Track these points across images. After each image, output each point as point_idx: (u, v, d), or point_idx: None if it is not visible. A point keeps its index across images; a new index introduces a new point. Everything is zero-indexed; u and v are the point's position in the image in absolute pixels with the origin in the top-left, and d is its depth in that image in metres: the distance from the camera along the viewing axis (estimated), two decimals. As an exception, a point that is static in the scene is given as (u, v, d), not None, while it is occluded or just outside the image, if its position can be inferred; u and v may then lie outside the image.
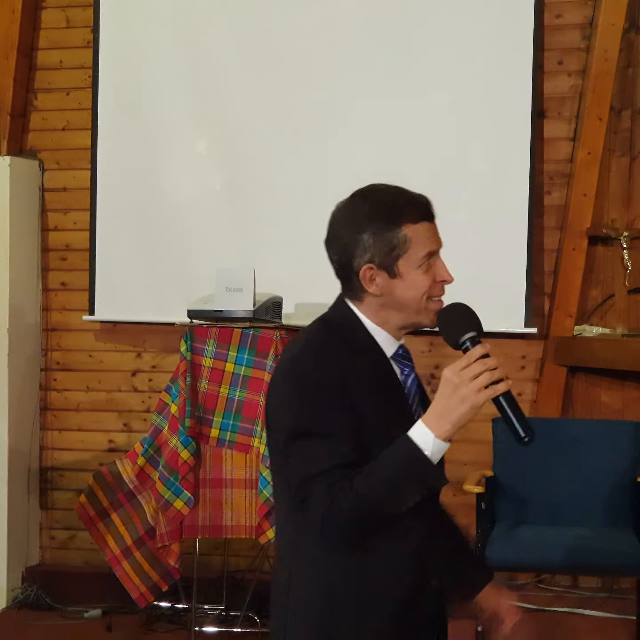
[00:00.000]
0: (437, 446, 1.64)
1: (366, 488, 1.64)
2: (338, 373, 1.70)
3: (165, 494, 3.85)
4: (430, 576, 1.81)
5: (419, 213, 1.79)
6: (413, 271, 1.77)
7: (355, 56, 4.52)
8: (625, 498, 3.84)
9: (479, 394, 1.64)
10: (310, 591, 1.77)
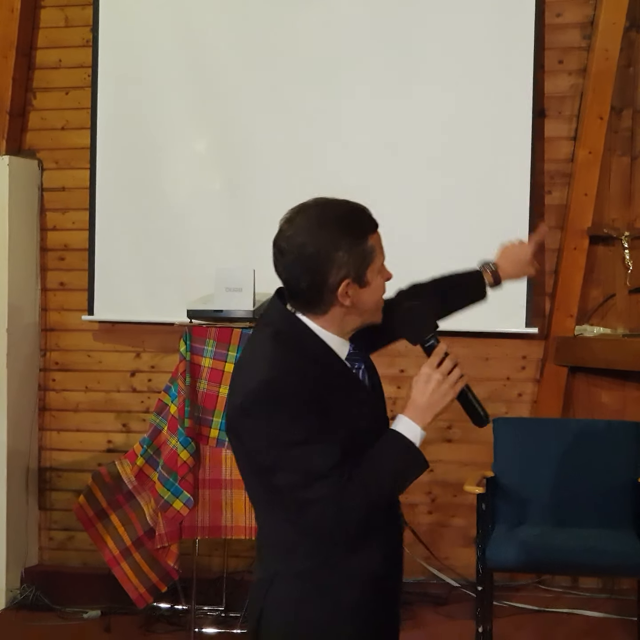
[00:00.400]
0: (421, 436, 1.85)
1: (373, 485, 1.78)
2: (307, 383, 1.79)
3: (164, 494, 3.85)
4: (399, 567, 2.00)
5: (374, 222, 1.87)
6: (376, 277, 1.87)
7: (355, 56, 4.51)
8: (625, 498, 3.83)
9: (455, 386, 1.85)
10: (289, 591, 1.86)
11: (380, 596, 1.91)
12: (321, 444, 1.77)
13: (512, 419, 4.28)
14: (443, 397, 1.84)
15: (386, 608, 1.93)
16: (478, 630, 3.63)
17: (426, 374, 1.84)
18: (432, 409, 1.84)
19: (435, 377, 1.83)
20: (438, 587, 4.49)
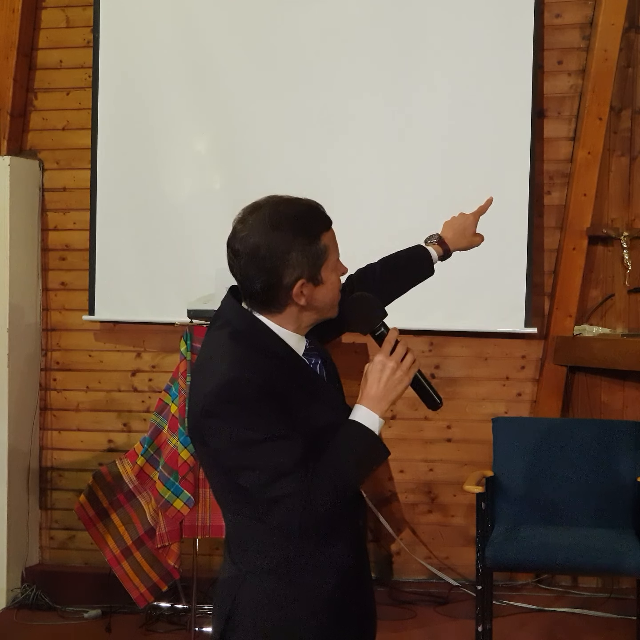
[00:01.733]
0: (380, 424, 1.84)
1: (338, 477, 1.79)
2: (267, 382, 1.80)
3: (165, 494, 3.85)
4: (367, 564, 2.02)
5: (328, 220, 1.88)
6: (331, 275, 1.88)
7: (355, 56, 4.52)
8: (625, 498, 3.83)
9: (409, 372, 1.85)
10: (262, 589, 1.86)
11: (352, 588, 1.91)
12: (284, 441, 1.77)
13: (511, 419, 4.29)
14: (398, 384, 1.84)
15: (359, 599, 1.94)
16: (478, 630, 3.63)
17: (380, 362, 1.84)
18: (387, 396, 1.83)
19: (390, 365, 1.83)
20: (438, 587, 4.50)
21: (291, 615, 1.85)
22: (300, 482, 1.76)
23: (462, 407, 4.58)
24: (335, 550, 1.88)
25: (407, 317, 4.51)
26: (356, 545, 1.94)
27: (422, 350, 4.62)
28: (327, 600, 1.87)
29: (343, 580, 1.89)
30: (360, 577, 1.96)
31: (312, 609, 1.86)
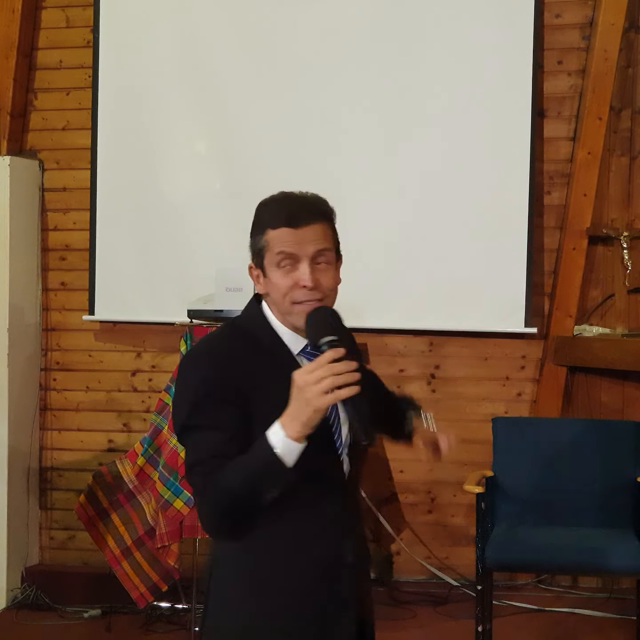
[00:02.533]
0: (287, 445, 1.72)
1: (226, 482, 1.75)
2: (228, 370, 1.82)
3: (165, 494, 3.85)
4: (344, 553, 1.92)
5: (279, 221, 1.87)
6: (274, 272, 1.87)
7: (355, 56, 4.52)
8: (625, 498, 3.83)
9: (320, 397, 1.68)
10: (228, 576, 1.91)
11: (308, 583, 1.89)
12: (213, 431, 1.78)
13: (511, 419, 4.29)
14: (306, 406, 1.69)
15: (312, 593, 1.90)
16: (478, 630, 3.63)
17: (294, 380, 1.72)
18: (298, 417, 1.70)
19: (299, 384, 1.70)
20: (438, 587, 4.50)
21: (244, 602, 1.88)
22: (202, 476, 1.78)
23: (462, 407, 4.58)
24: (295, 556, 1.87)
25: (407, 317, 4.52)
26: (327, 559, 1.89)
27: (422, 350, 4.62)
28: (273, 594, 1.87)
29: (303, 588, 1.87)
30: (328, 591, 1.89)
31: (262, 600, 1.87)
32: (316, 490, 1.87)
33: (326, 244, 1.88)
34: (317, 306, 1.85)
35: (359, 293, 4.19)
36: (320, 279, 1.87)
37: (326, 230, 1.90)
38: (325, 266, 1.88)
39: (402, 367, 4.62)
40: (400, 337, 4.61)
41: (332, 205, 1.97)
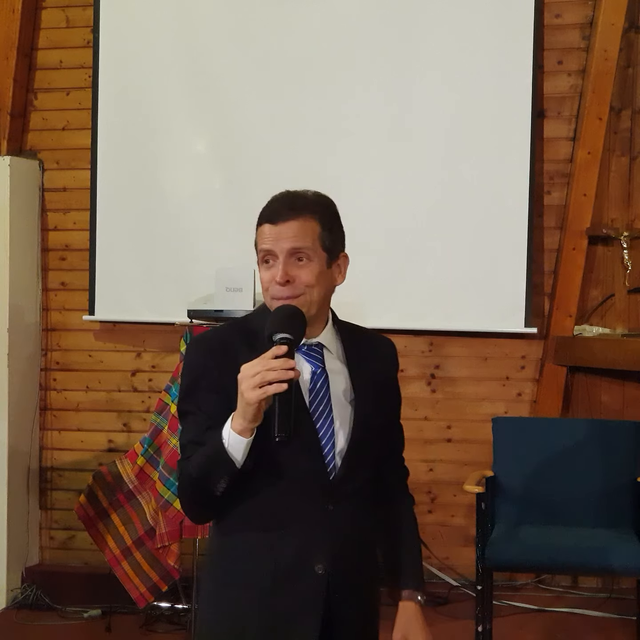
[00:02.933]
0: (233, 438, 1.77)
1: (188, 468, 1.84)
2: (214, 360, 1.88)
3: (165, 494, 3.85)
4: (313, 562, 1.87)
5: (262, 217, 1.91)
6: (259, 267, 1.92)
7: (356, 55, 4.52)
8: (625, 498, 3.83)
9: (251, 391, 1.72)
10: (207, 571, 1.98)
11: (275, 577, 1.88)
12: (197, 417, 1.87)
13: (511, 419, 4.29)
14: (240, 399, 1.74)
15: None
16: (478, 630, 3.63)
17: (241, 372, 1.75)
18: (238, 409, 1.75)
19: (239, 378, 1.74)
20: (438, 587, 4.50)
21: (217, 579, 1.94)
22: (179, 461, 1.89)
23: (462, 407, 4.58)
24: (245, 563, 1.88)
25: (407, 317, 4.52)
26: (283, 568, 1.87)
27: (422, 350, 4.62)
28: (232, 612, 1.89)
29: (252, 596, 1.87)
30: (285, 600, 1.87)
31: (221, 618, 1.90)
32: (289, 491, 1.86)
33: (305, 240, 1.86)
34: (286, 304, 1.85)
35: (359, 293, 4.19)
36: (296, 275, 1.86)
37: (307, 227, 1.87)
38: (306, 262, 1.87)
39: (402, 367, 4.57)
40: (401, 337, 4.60)
41: (329, 203, 1.96)
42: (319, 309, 1.91)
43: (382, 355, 2.06)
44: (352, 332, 2.02)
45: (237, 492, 1.84)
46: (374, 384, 1.96)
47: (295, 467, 1.85)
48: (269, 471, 1.84)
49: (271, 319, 1.82)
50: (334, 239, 1.92)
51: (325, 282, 1.90)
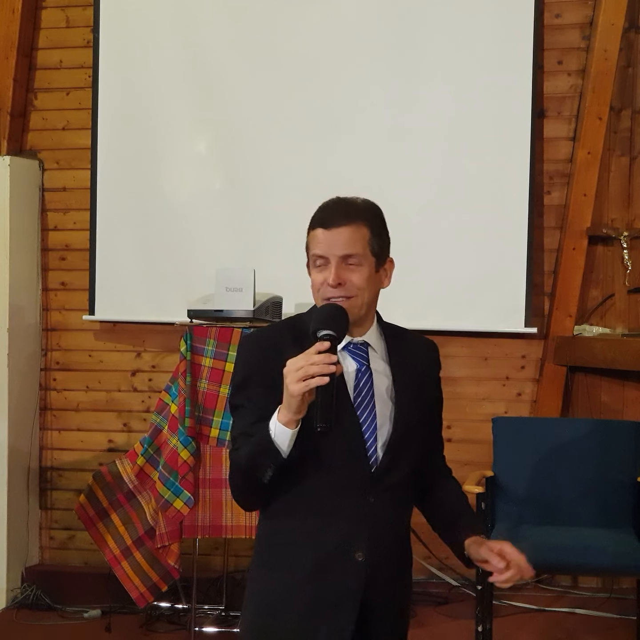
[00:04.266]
0: (279, 429, 1.84)
1: (237, 458, 1.93)
2: (266, 356, 1.96)
3: (165, 493, 3.85)
4: (354, 550, 1.95)
5: (315, 221, 2.01)
6: (311, 269, 2.01)
7: (356, 58, 4.52)
8: (625, 498, 3.83)
9: (294, 384, 1.79)
10: (254, 560, 2.07)
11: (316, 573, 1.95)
12: (247, 411, 1.95)
13: (511, 419, 4.29)
14: (286, 391, 1.82)
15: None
16: (478, 630, 3.63)
17: (286, 367, 1.83)
18: (284, 401, 1.83)
19: (285, 371, 1.82)
20: (438, 587, 4.50)
21: (262, 573, 2.03)
22: (231, 452, 1.97)
23: (462, 407, 4.58)
24: (290, 550, 1.97)
25: (407, 317, 4.51)
26: (327, 556, 1.94)
27: (422, 350, 4.62)
28: (278, 598, 1.97)
29: (297, 582, 1.96)
30: (327, 587, 1.95)
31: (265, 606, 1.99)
32: (332, 483, 1.94)
33: (356, 247, 1.96)
34: (332, 303, 1.94)
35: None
36: (347, 278, 1.96)
37: (358, 233, 1.97)
38: (356, 267, 1.97)
39: (402, 367, 4.61)
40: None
41: (378, 210, 2.04)
42: (367, 310, 2.04)
43: (424, 356, 2.14)
44: (396, 333, 2.11)
45: (283, 481, 1.91)
46: (415, 383, 2.05)
47: (339, 458, 1.94)
48: (314, 462, 1.92)
49: (315, 317, 1.91)
50: (382, 245, 2.02)
51: (374, 285, 2.04)
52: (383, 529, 1.98)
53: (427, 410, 2.09)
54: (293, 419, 1.82)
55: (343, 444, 1.93)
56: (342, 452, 1.94)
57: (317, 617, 1.94)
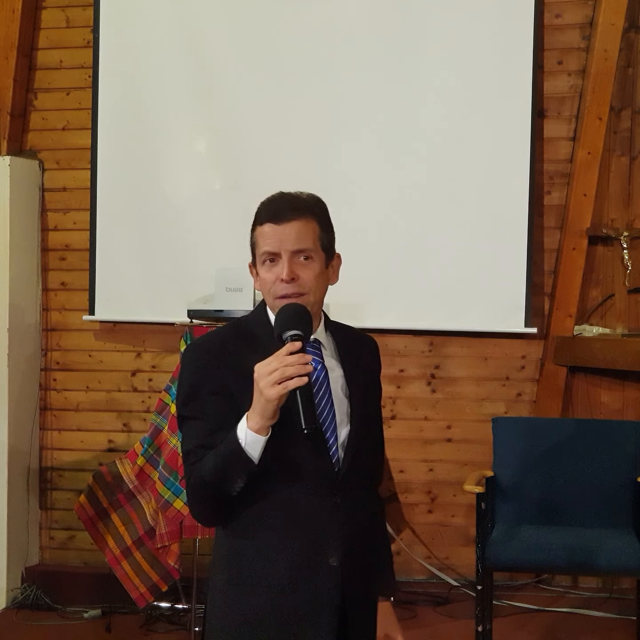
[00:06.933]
0: (250, 436, 1.77)
1: (200, 471, 1.83)
2: (217, 363, 1.89)
3: (165, 494, 3.85)
4: (327, 555, 1.89)
5: (264, 216, 1.92)
6: (260, 268, 1.94)
7: (356, 57, 4.51)
8: (625, 498, 3.83)
9: (270, 388, 1.73)
10: (217, 571, 1.96)
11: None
12: (201, 422, 1.86)
13: (511, 419, 4.29)
14: (260, 396, 1.74)
15: None
16: (478, 630, 3.63)
17: (256, 371, 1.76)
18: (255, 408, 1.76)
19: (255, 376, 1.75)
20: (438, 587, 4.50)
21: (229, 587, 1.93)
22: (187, 465, 1.87)
23: (462, 407, 4.58)
24: (259, 562, 1.88)
25: (407, 317, 4.53)
26: (298, 564, 1.88)
27: (422, 350, 4.62)
28: (249, 609, 1.89)
29: (268, 594, 1.88)
30: (300, 595, 1.89)
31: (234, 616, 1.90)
32: (299, 487, 1.88)
33: (307, 241, 1.90)
34: (291, 302, 1.88)
35: (359, 293, 4.19)
36: (300, 274, 1.90)
37: (309, 227, 1.91)
38: (308, 262, 1.91)
39: (402, 367, 4.62)
40: (400, 337, 4.61)
41: (323, 205, 1.98)
42: (318, 308, 1.96)
43: (368, 352, 2.12)
44: (341, 330, 2.07)
45: (248, 493, 1.84)
46: (364, 379, 2.02)
47: (303, 462, 1.88)
48: (278, 469, 1.85)
49: (279, 317, 1.85)
50: (330, 240, 1.97)
51: (324, 281, 1.96)
52: (353, 531, 1.93)
53: (373, 406, 2.08)
54: (266, 425, 1.75)
55: (306, 447, 1.85)
56: (306, 456, 1.87)
57: (297, 628, 1.88)
